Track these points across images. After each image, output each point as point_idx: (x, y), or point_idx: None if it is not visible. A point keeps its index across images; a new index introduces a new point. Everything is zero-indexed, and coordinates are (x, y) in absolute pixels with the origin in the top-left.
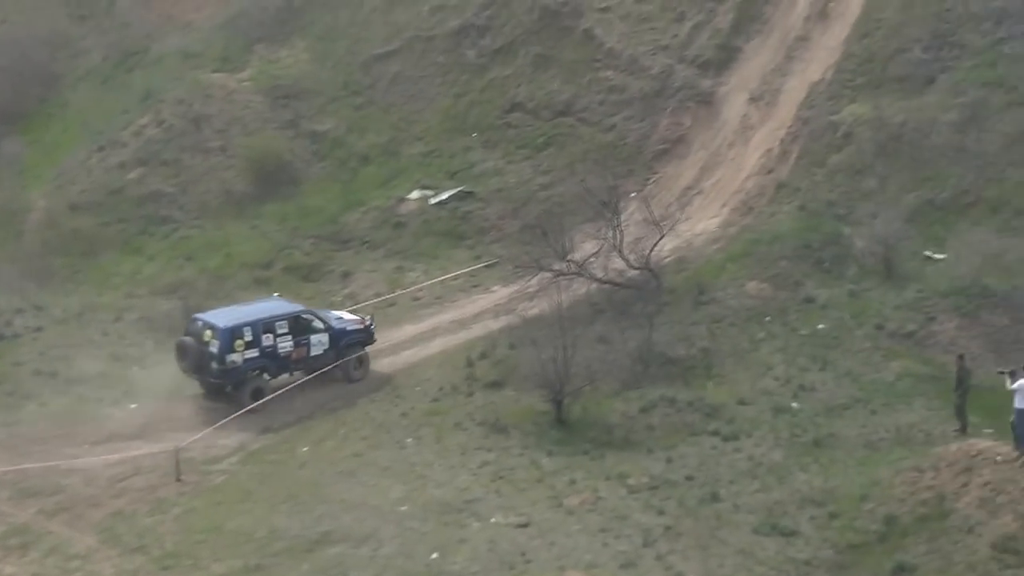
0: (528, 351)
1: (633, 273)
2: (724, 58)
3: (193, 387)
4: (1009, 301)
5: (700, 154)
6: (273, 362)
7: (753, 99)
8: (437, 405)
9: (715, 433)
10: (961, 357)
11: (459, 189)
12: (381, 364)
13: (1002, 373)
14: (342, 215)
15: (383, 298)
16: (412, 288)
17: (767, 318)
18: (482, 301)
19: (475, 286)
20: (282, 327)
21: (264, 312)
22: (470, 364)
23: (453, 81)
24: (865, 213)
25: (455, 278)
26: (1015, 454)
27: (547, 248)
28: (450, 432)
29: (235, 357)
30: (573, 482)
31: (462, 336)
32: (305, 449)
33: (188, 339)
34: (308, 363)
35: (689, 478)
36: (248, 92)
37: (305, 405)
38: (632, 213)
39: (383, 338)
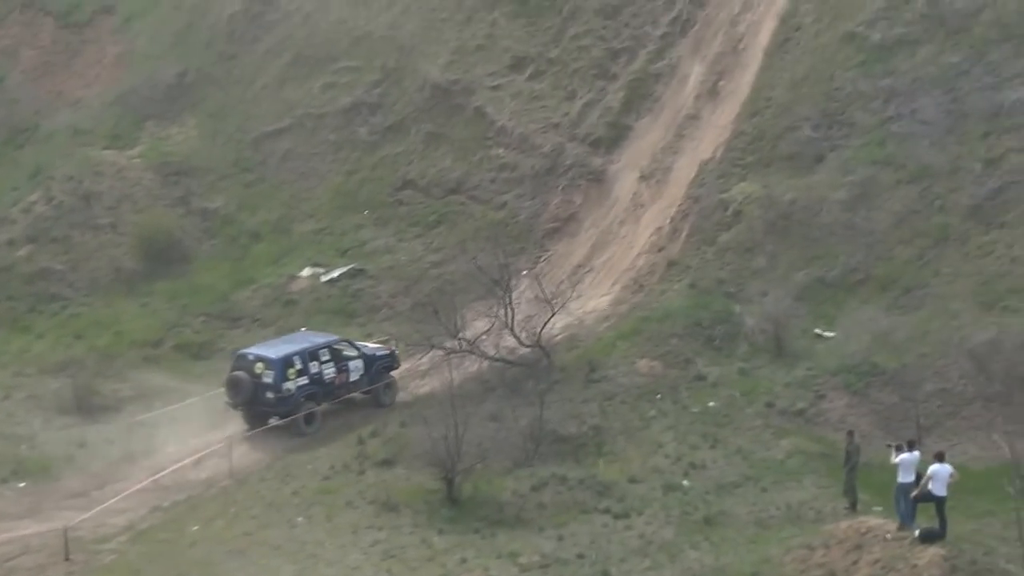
0: (419, 429)
1: (524, 351)
2: (615, 136)
3: (82, 461)
4: (898, 379)
5: (591, 232)
6: (321, 388)
7: (644, 177)
8: (328, 483)
9: (606, 511)
10: (850, 434)
11: (350, 267)
12: (271, 444)
13: (889, 446)
14: (233, 293)
15: None
16: None
17: (658, 396)
18: None
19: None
20: (325, 355)
21: (306, 342)
22: (361, 442)
23: (344, 158)
24: (755, 291)
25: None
26: (903, 531)
27: (438, 326)
28: (341, 511)
29: (289, 385)
30: (464, 561)
31: (353, 414)
32: (195, 528)
33: (241, 373)
34: (348, 388)
35: (580, 556)
36: (139, 169)
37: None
38: (523, 291)
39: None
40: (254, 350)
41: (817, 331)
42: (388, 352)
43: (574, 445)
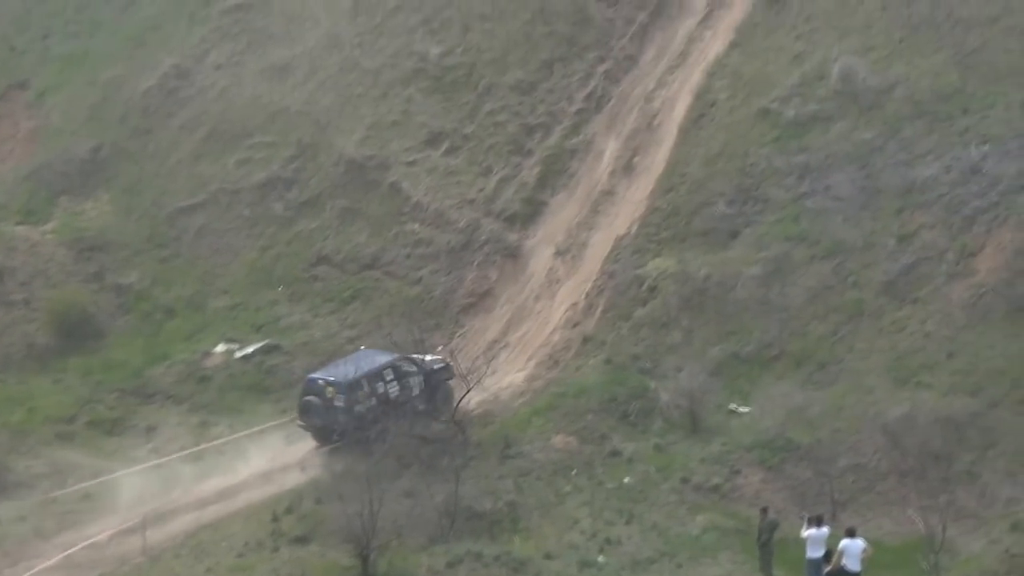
0: (334, 505)
1: (440, 427)
2: (530, 212)
3: None
4: (813, 454)
5: (506, 308)
6: (388, 406)
7: (559, 253)
8: (242, 561)
9: None
10: (765, 510)
11: (265, 343)
12: (185, 520)
13: (803, 516)
14: (147, 369)
15: (188, 452)
16: (218, 442)
17: (573, 471)
18: (288, 455)
19: (281, 440)
20: (388, 374)
21: (371, 363)
22: (276, 519)
23: (259, 234)
24: (670, 366)
25: (261, 432)
26: None
27: None
28: None
29: (359, 408)
30: None
31: (268, 491)
32: None
33: (312, 398)
34: (411, 404)
35: None
36: (52, 244)
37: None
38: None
39: (186, 493)
40: (323, 375)
41: (732, 406)
42: (444, 364)
43: (489, 521)
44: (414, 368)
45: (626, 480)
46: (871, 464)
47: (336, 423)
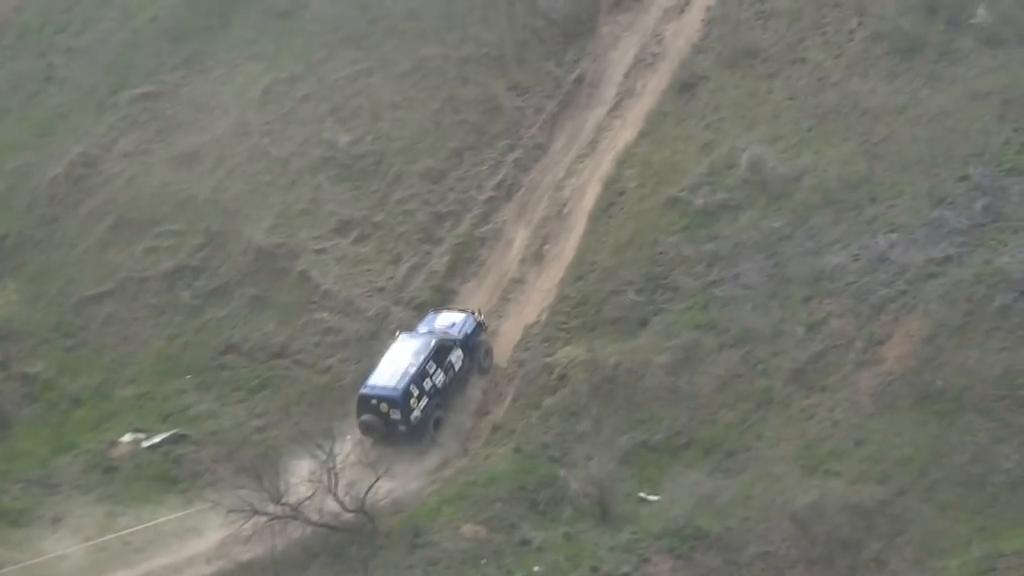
0: None
1: (348, 516)
2: (440, 300)
3: None
4: (722, 542)
5: None
6: (439, 396)
7: None
8: None
9: None
10: None
11: (172, 432)
12: None
13: None
14: (52, 459)
15: (93, 543)
16: (123, 532)
17: (483, 561)
18: (195, 546)
19: (188, 530)
20: (431, 366)
21: (416, 359)
22: None
23: (167, 322)
24: (580, 455)
25: (167, 523)
26: None
27: (261, 491)
28: None
29: (417, 414)
30: None
31: None
32: None
33: (370, 418)
34: (457, 378)
35: None
36: None
37: None
38: (347, 456)
39: None
40: (373, 390)
41: (641, 495)
42: (475, 324)
43: None
44: (452, 342)
45: (535, 569)
46: (780, 552)
47: (397, 433)
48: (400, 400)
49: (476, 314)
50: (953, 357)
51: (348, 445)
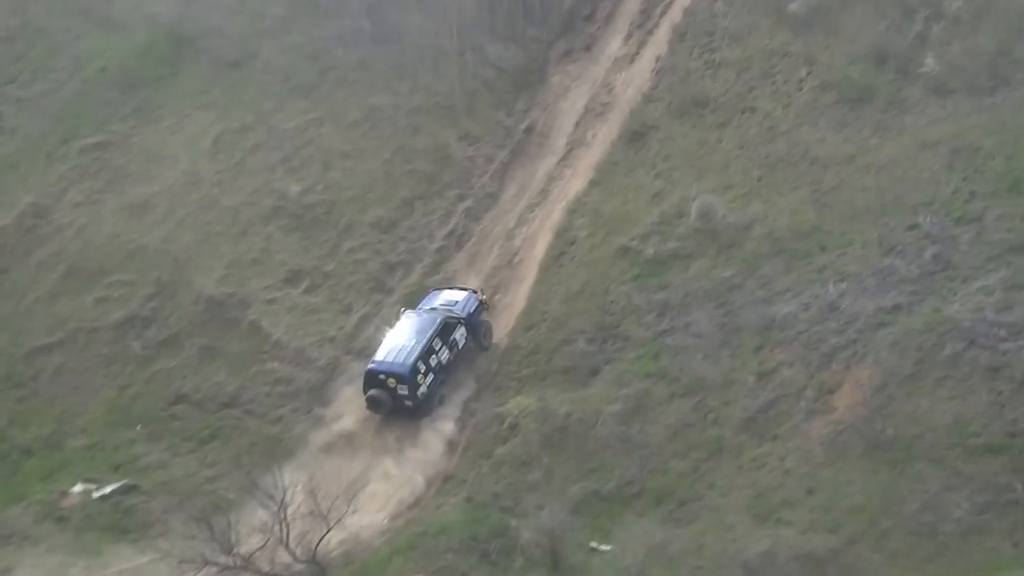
0: None
1: (300, 567)
2: None
3: None
4: None
5: (369, 450)
6: (444, 372)
7: None
8: None
9: None
10: None
11: (123, 482)
12: None
13: None
14: (3, 509)
15: None
16: None
17: None
18: None
19: None
20: (437, 343)
21: (422, 337)
22: None
23: (117, 373)
24: (531, 505)
25: (119, 573)
26: None
27: (212, 542)
28: None
29: (423, 390)
30: None
31: None
32: None
33: (377, 393)
34: (459, 356)
35: None
36: None
37: None
38: (299, 506)
39: None
40: (381, 366)
41: (593, 544)
42: (476, 303)
43: None
44: (457, 320)
45: None
46: None
47: (404, 408)
48: (408, 376)
49: (478, 293)
50: (904, 406)
51: (300, 496)
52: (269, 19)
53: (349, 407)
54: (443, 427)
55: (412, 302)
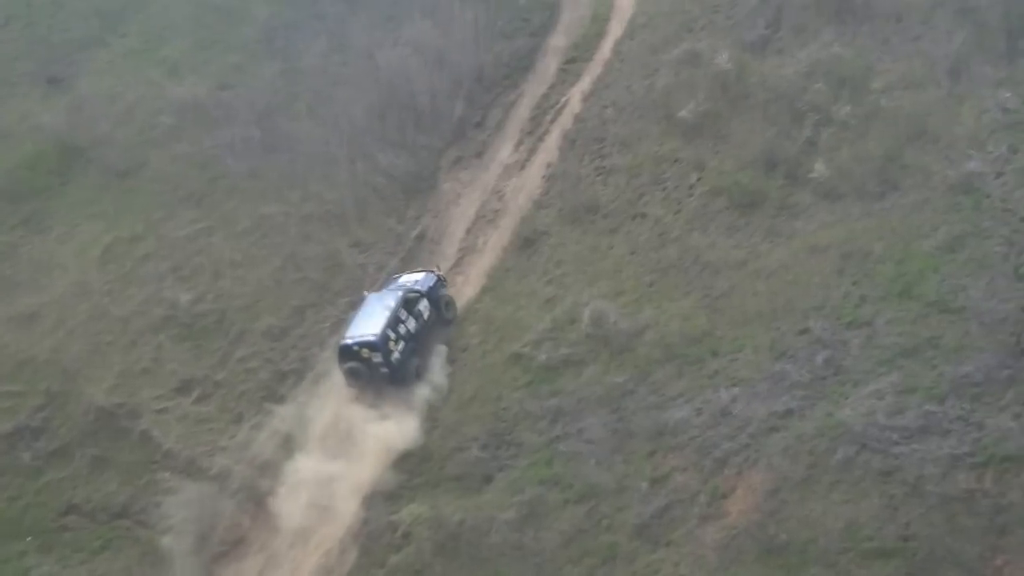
0: None
1: None
2: (282, 458)
3: None
4: None
5: (259, 557)
6: (414, 341)
7: (312, 499)
8: None
9: None
10: None
11: None
12: None
13: None
14: None
15: None
16: None
17: None
18: None
19: None
20: (403, 314)
21: (387, 310)
22: None
23: (7, 484)
24: None
25: None
26: None
27: None
28: None
29: (396, 356)
30: None
31: None
32: None
33: (354, 364)
34: (426, 326)
35: None
36: None
37: None
38: None
39: None
40: (353, 339)
41: None
42: (436, 278)
43: None
44: (418, 293)
45: None
46: None
47: (379, 376)
48: (380, 344)
49: (436, 270)
50: (797, 510)
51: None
52: (158, 128)
53: (241, 515)
54: (336, 534)
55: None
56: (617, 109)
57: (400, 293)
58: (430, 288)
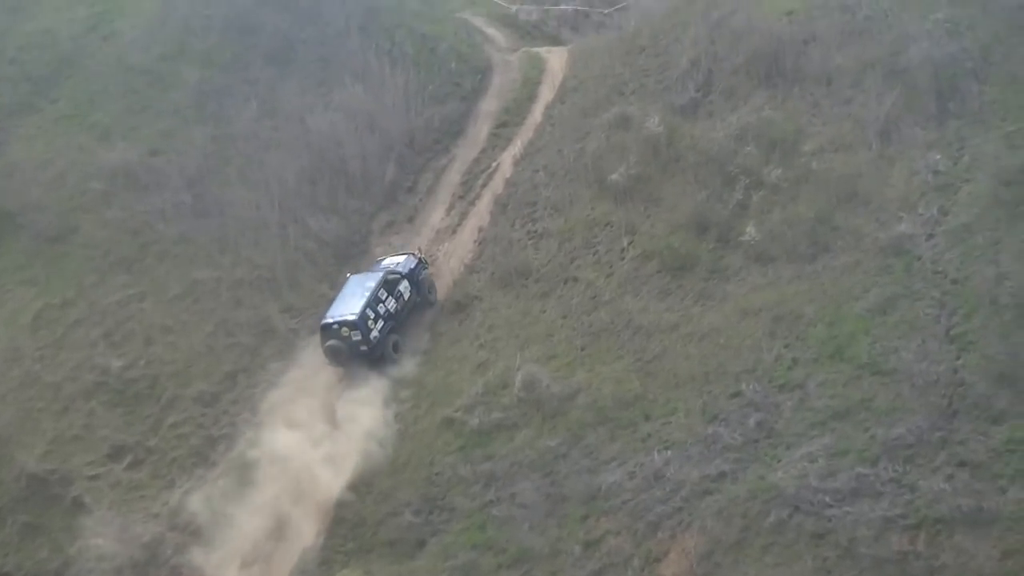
0: None
1: None
2: (216, 523)
3: None
4: None
5: None
6: (393, 320)
7: (245, 565)
8: None
9: None
10: None
11: None
12: None
13: None
14: None
15: None
16: None
17: None
18: None
19: None
20: (383, 294)
21: (367, 290)
22: None
23: None
24: None
25: None
26: None
27: None
28: None
29: (375, 334)
30: None
31: None
32: None
33: (335, 343)
34: (406, 306)
35: None
36: None
37: None
38: None
39: None
40: (334, 318)
41: None
42: (417, 260)
43: None
44: (399, 275)
45: None
46: None
47: (359, 354)
48: (359, 322)
49: (418, 252)
50: (730, 573)
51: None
52: (89, 194)
53: None
54: None
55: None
56: (548, 173)
57: (381, 274)
58: (411, 270)
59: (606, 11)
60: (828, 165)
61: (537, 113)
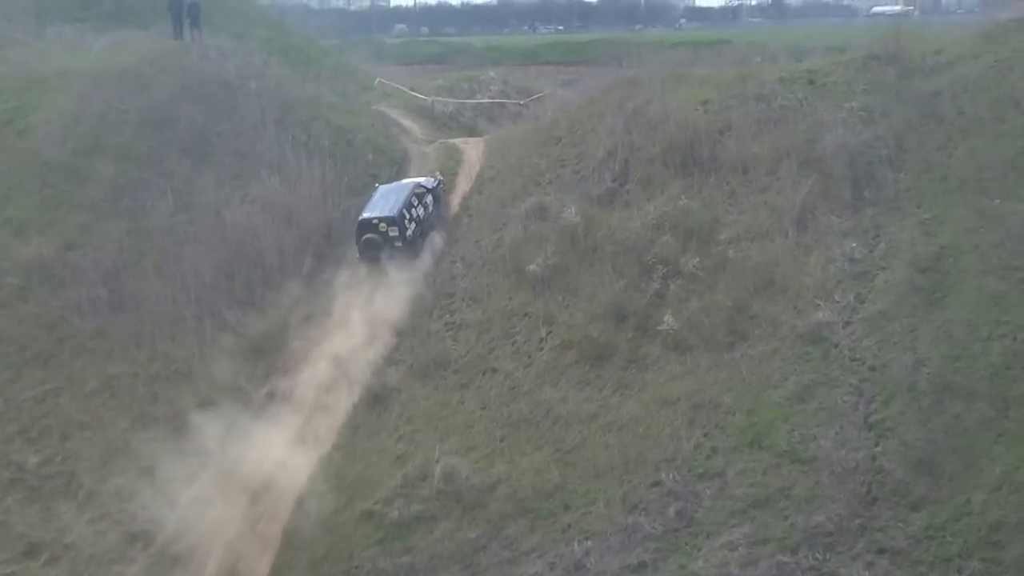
0: None
1: None
2: None
3: None
4: None
5: None
6: (421, 225)
7: None
8: None
9: None
10: None
11: None
12: None
13: None
14: None
15: None
16: None
17: None
18: None
19: None
20: (414, 200)
21: (401, 194)
22: None
23: None
24: None
25: None
26: None
27: None
28: None
29: (410, 232)
30: None
31: None
32: None
33: (372, 236)
34: (428, 216)
35: None
36: None
37: None
38: None
39: None
40: (372, 214)
41: None
42: (437, 181)
43: None
44: (424, 189)
45: None
46: None
47: (393, 249)
48: (398, 219)
49: (438, 174)
50: None
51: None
52: (4, 289)
53: None
54: None
55: None
56: (466, 264)
57: (411, 185)
58: (433, 188)
59: (522, 102)
60: (745, 253)
61: (454, 204)
